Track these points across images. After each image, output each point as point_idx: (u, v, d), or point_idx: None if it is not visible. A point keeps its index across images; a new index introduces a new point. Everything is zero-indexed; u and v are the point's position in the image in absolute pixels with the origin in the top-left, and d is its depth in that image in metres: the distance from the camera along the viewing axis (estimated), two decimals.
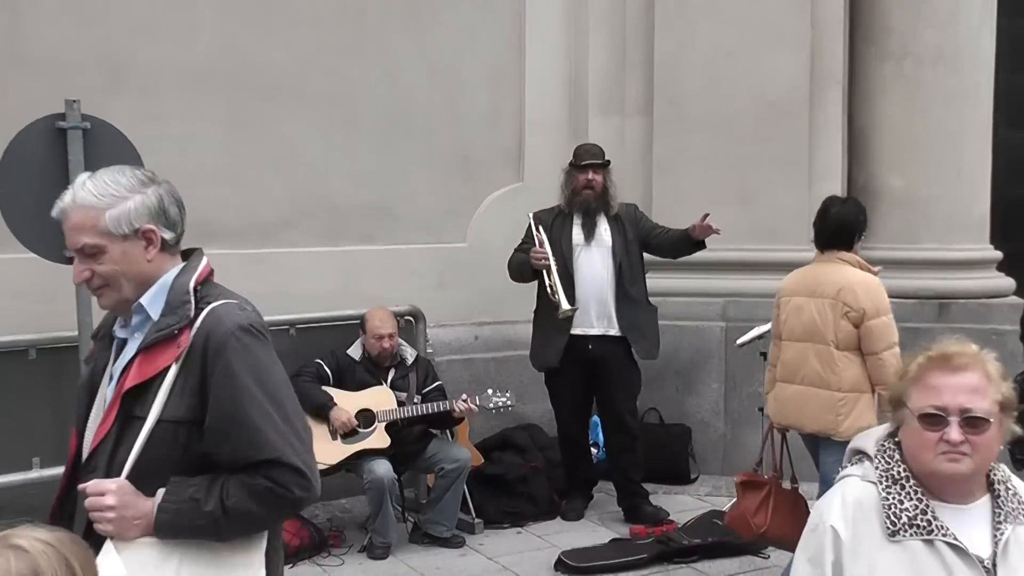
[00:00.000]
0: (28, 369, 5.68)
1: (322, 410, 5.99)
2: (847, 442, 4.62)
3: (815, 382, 4.99)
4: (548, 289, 6.41)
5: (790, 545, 4.71)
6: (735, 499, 5.38)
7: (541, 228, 6.52)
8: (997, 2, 7.71)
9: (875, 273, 5.06)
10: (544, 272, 6.43)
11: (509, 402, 6.24)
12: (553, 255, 6.44)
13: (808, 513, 4.97)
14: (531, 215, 6.62)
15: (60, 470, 2.73)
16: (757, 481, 5.21)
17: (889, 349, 4.88)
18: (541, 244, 6.46)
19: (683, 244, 6.57)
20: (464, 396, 6.18)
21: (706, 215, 6.34)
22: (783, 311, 5.20)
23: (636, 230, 6.65)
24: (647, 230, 6.69)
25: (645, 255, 6.76)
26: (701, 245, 6.55)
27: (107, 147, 5.12)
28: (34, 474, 5.59)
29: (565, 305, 6.32)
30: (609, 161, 6.71)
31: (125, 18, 6.36)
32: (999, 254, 7.83)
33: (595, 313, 6.56)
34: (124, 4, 6.37)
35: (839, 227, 5.08)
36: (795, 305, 5.11)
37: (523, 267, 6.56)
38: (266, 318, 2.57)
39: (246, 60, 6.70)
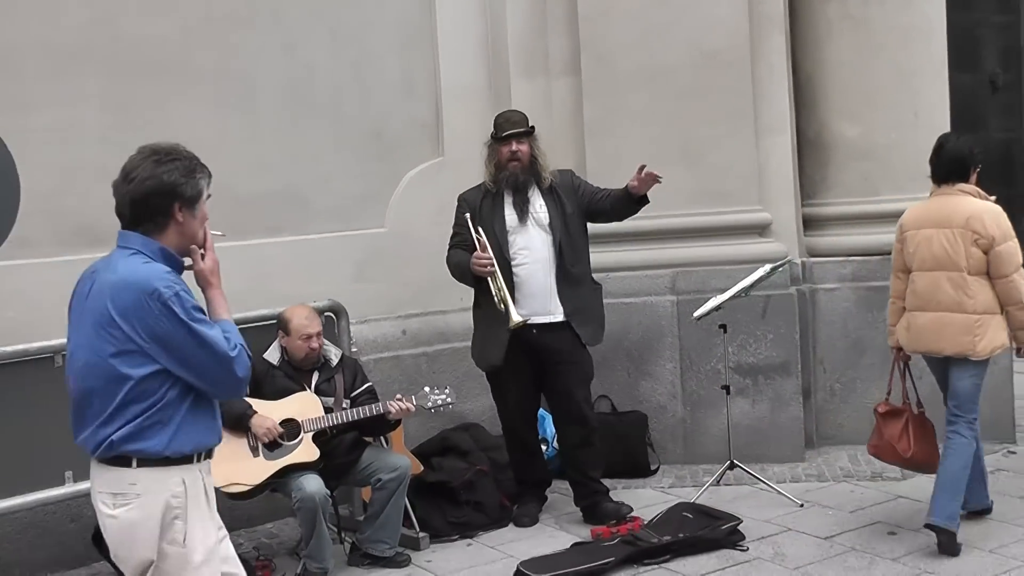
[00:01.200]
0: None
1: (241, 421, 5.43)
2: (981, 361, 5.38)
3: (951, 307, 5.41)
4: (495, 297, 5.93)
5: (931, 468, 5.57)
6: (874, 431, 5.84)
7: (481, 230, 6.01)
8: None
9: (994, 201, 5.51)
10: (489, 279, 5.95)
11: (449, 399, 5.79)
12: (488, 242, 5.96)
13: (935, 435, 5.50)
14: (465, 211, 6.12)
15: None
16: (897, 409, 5.73)
17: (1017, 271, 5.38)
18: (484, 249, 5.96)
19: (624, 204, 6.09)
20: (399, 395, 5.73)
21: (642, 167, 5.87)
22: (910, 244, 5.58)
23: (576, 200, 6.14)
24: (588, 196, 6.17)
25: (589, 227, 6.25)
26: (644, 200, 6.05)
27: None
28: None
29: (516, 317, 5.85)
30: (533, 128, 6.19)
31: None
32: None
33: (538, 300, 6.05)
34: None
35: (954, 161, 5.50)
36: (923, 236, 5.50)
37: (464, 273, 6.08)
38: None
39: (123, 34, 6.08)
